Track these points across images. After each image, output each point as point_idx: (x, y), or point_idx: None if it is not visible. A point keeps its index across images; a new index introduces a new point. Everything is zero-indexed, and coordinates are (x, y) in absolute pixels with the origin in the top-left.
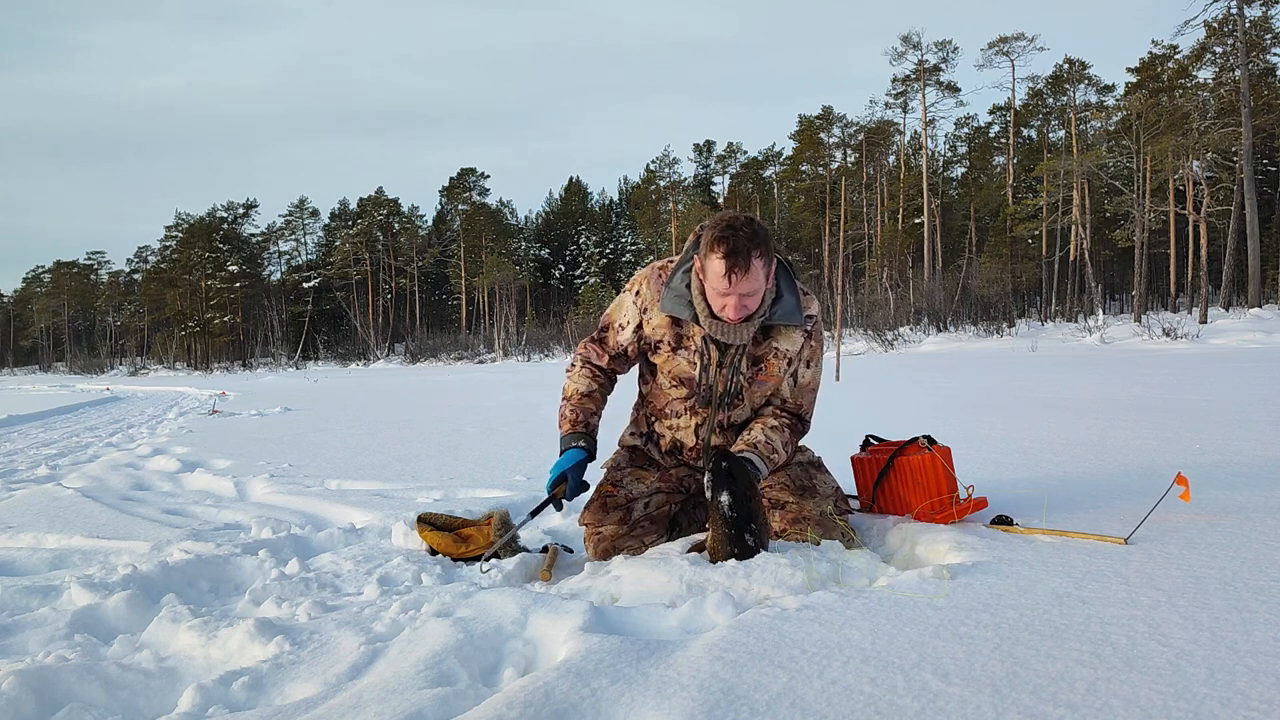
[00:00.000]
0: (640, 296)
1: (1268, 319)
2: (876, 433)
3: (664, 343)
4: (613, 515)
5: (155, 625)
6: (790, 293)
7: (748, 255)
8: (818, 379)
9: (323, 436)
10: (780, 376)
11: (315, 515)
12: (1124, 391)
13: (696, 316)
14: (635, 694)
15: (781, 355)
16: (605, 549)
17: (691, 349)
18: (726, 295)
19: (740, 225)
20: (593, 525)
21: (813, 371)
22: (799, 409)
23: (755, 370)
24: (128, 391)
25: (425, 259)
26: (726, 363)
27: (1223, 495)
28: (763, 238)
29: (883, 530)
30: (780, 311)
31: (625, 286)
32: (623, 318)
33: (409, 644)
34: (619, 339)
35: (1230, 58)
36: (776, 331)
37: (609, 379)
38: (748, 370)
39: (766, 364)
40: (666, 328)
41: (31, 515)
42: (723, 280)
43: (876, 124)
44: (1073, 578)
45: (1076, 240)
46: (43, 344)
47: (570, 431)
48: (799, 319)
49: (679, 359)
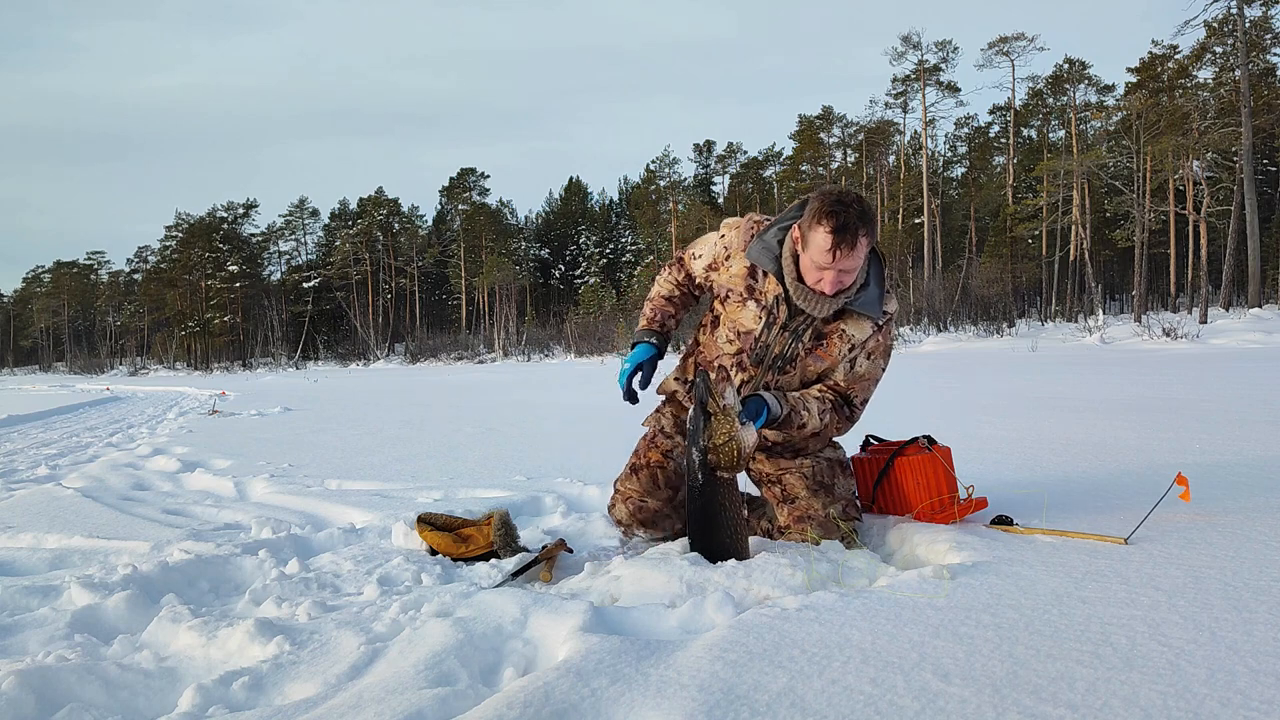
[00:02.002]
0: (725, 239)
1: (1268, 319)
2: (876, 433)
3: (735, 292)
4: (662, 492)
5: (155, 625)
6: (877, 284)
7: (855, 233)
8: (876, 372)
9: (323, 436)
10: (838, 358)
11: (315, 515)
12: (1124, 391)
13: (780, 273)
14: (635, 694)
15: (847, 339)
16: (645, 519)
17: (762, 303)
18: (826, 269)
19: (851, 202)
20: (637, 495)
21: (871, 363)
22: (848, 392)
23: (816, 344)
24: (128, 391)
25: (425, 259)
26: (791, 327)
27: (1223, 495)
28: (871, 218)
29: (883, 530)
30: (863, 300)
31: (721, 229)
32: (702, 250)
33: (409, 644)
34: (693, 265)
35: (1230, 58)
36: (849, 316)
37: (689, 291)
38: (809, 342)
39: (829, 342)
40: (742, 277)
41: (31, 515)
42: (826, 255)
43: (876, 124)
44: (1073, 578)
45: (1076, 240)
46: (43, 344)
47: (645, 328)
48: (876, 311)
49: (746, 310)
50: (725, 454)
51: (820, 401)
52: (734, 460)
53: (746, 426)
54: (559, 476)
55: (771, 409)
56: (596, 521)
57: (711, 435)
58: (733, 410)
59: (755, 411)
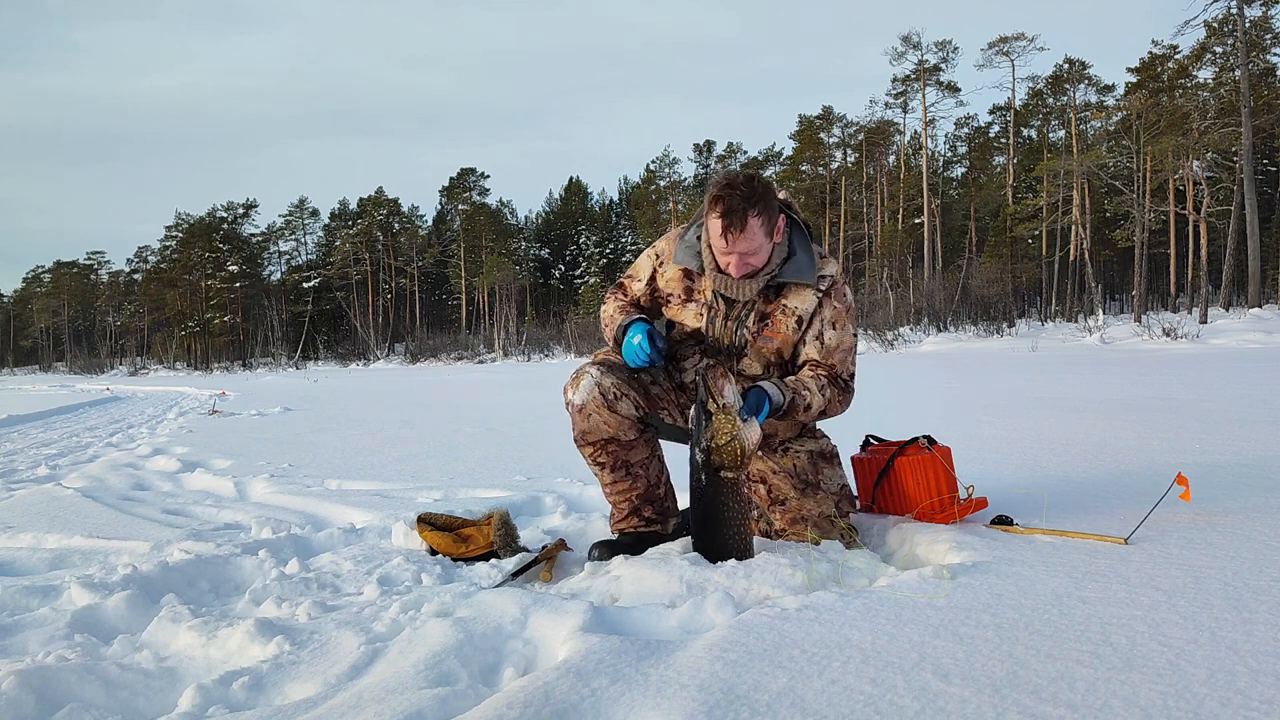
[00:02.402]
0: (656, 249)
1: (1268, 319)
2: (876, 433)
3: (675, 295)
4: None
5: (155, 625)
6: (804, 251)
7: (743, 215)
8: (848, 340)
9: (323, 436)
10: (789, 334)
11: (315, 515)
12: (1124, 391)
13: (704, 268)
14: (635, 694)
15: (790, 313)
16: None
17: (701, 301)
18: (727, 254)
19: (738, 184)
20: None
21: (839, 333)
22: (833, 366)
23: (761, 326)
24: (128, 391)
25: (425, 259)
26: (733, 316)
27: (1223, 495)
28: (760, 195)
29: (883, 530)
30: (791, 269)
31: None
32: (638, 272)
33: (409, 644)
34: (634, 288)
35: (1230, 58)
36: (787, 289)
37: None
38: (754, 325)
39: (774, 320)
40: (678, 280)
41: (31, 515)
42: (720, 239)
43: (876, 124)
44: (1073, 578)
45: (1076, 240)
46: (43, 344)
47: (625, 318)
48: (810, 278)
49: (688, 311)
50: (728, 454)
51: (816, 379)
52: (737, 460)
53: (749, 424)
54: (559, 476)
55: (773, 399)
56: (596, 521)
57: (714, 435)
58: (734, 409)
59: (756, 405)
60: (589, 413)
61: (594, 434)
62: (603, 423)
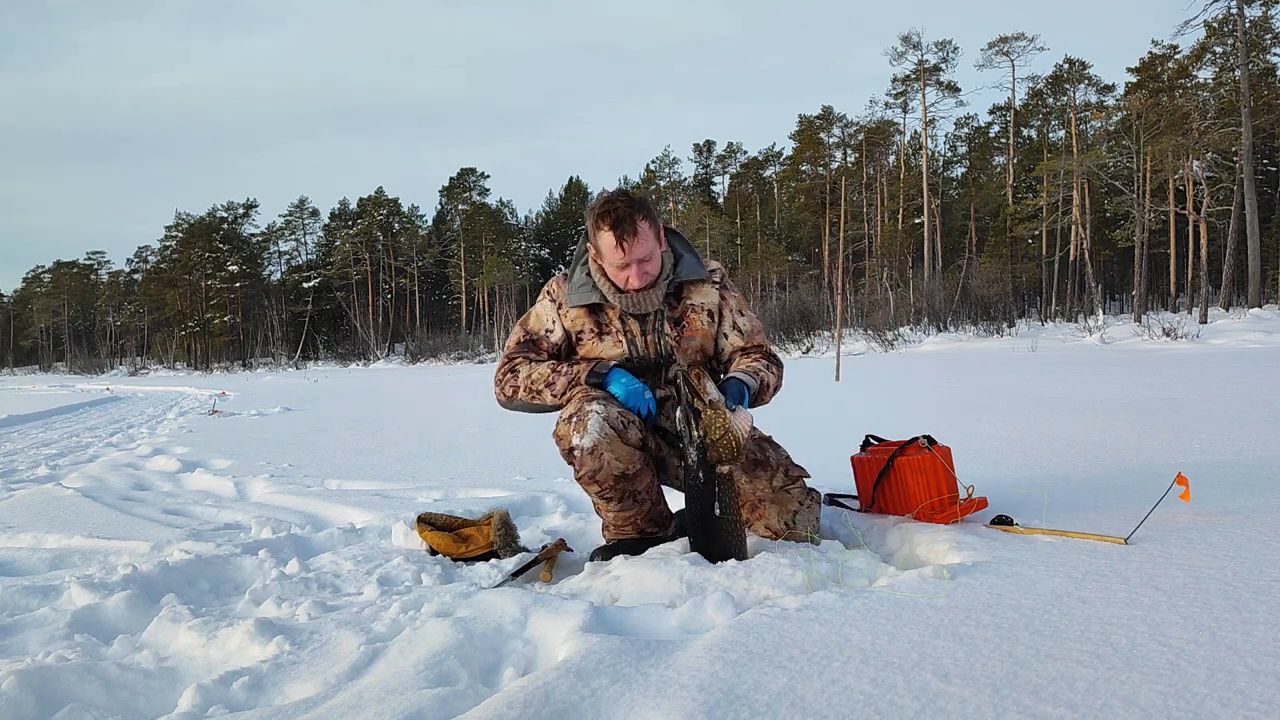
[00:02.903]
0: (551, 297)
1: (1268, 319)
2: (876, 433)
3: (585, 332)
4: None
5: (155, 625)
6: (688, 252)
7: (633, 220)
8: (757, 323)
9: (323, 436)
10: (705, 329)
11: (315, 515)
12: (1124, 391)
13: (605, 297)
14: (635, 694)
15: (700, 309)
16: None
17: (614, 331)
18: (625, 267)
19: (616, 196)
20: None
21: (748, 319)
22: (760, 346)
23: (680, 329)
24: (127, 391)
25: (425, 259)
26: (649, 330)
27: (1223, 495)
28: (642, 203)
29: (883, 530)
30: (684, 269)
31: (539, 298)
32: (546, 323)
33: (409, 644)
34: (552, 340)
35: (1230, 58)
36: (688, 290)
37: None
38: (673, 331)
39: (688, 320)
40: (585, 317)
41: (31, 515)
42: (616, 251)
43: (876, 124)
44: (1073, 578)
45: (1076, 240)
46: (43, 344)
47: (590, 366)
48: (703, 273)
49: (605, 344)
50: (724, 447)
51: (754, 359)
52: (733, 451)
53: (737, 412)
54: (559, 476)
55: (749, 386)
56: (596, 521)
57: (707, 431)
58: (720, 403)
59: (739, 394)
60: (600, 452)
61: (605, 472)
62: (615, 459)
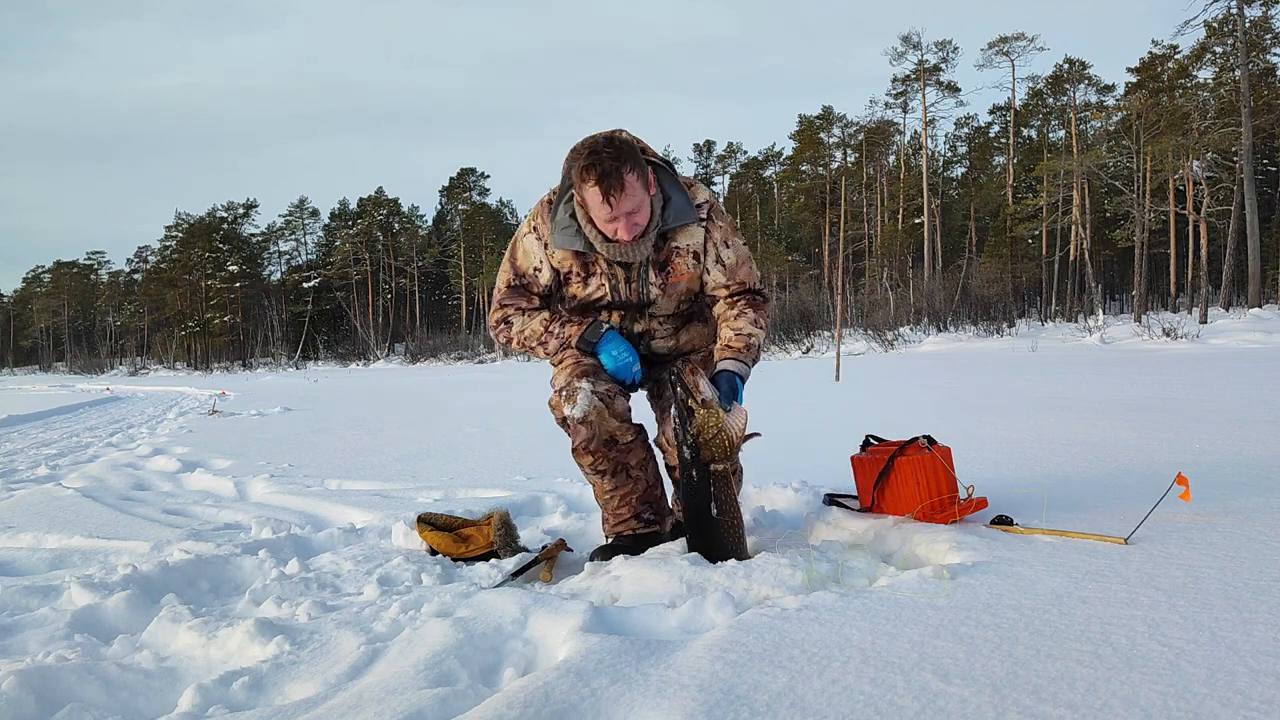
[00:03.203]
0: (536, 234)
1: (1268, 319)
2: (876, 433)
3: (573, 273)
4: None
5: (155, 625)
6: (677, 193)
7: (619, 175)
8: (743, 252)
9: (323, 436)
10: (690, 273)
11: (315, 515)
12: (1124, 391)
13: (591, 245)
14: (635, 694)
15: (685, 252)
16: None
17: (599, 274)
18: (614, 220)
19: (602, 147)
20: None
21: (733, 249)
22: (743, 284)
23: (664, 276)
24: (128, 391)
25: (425, 259)
26: (634, 277)
27: (1223, 495)
28: (628, 152)
29: (883, 530)
30: (673, 214)
31: (520, 230)
32: (535, 261)
33: (409, 644)
34: (541, 281)
35: (1230, 58)
36: (673, 232)
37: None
38: (657, 278)
39: (673, 266)
40: (571, 259)
41: (31, 515)
42: (603, 207)
43: (876, 124)
44: (1073, 578)
45: (1076, 240)
46: (43, 344)
47: (582, 330)
48: (692, 216)
49: (590, 286)
50: (717, 446)
51: (739, 314)
52: (726, 450)
53: (732, 411)
54: (559, 476)
55: (741, 374)
56: (596, 521)
57: (700, 430)
58: (714, 402)
59: (731, 390)
60: (590, 421)
61: (596, 441)
62: (604, 428)
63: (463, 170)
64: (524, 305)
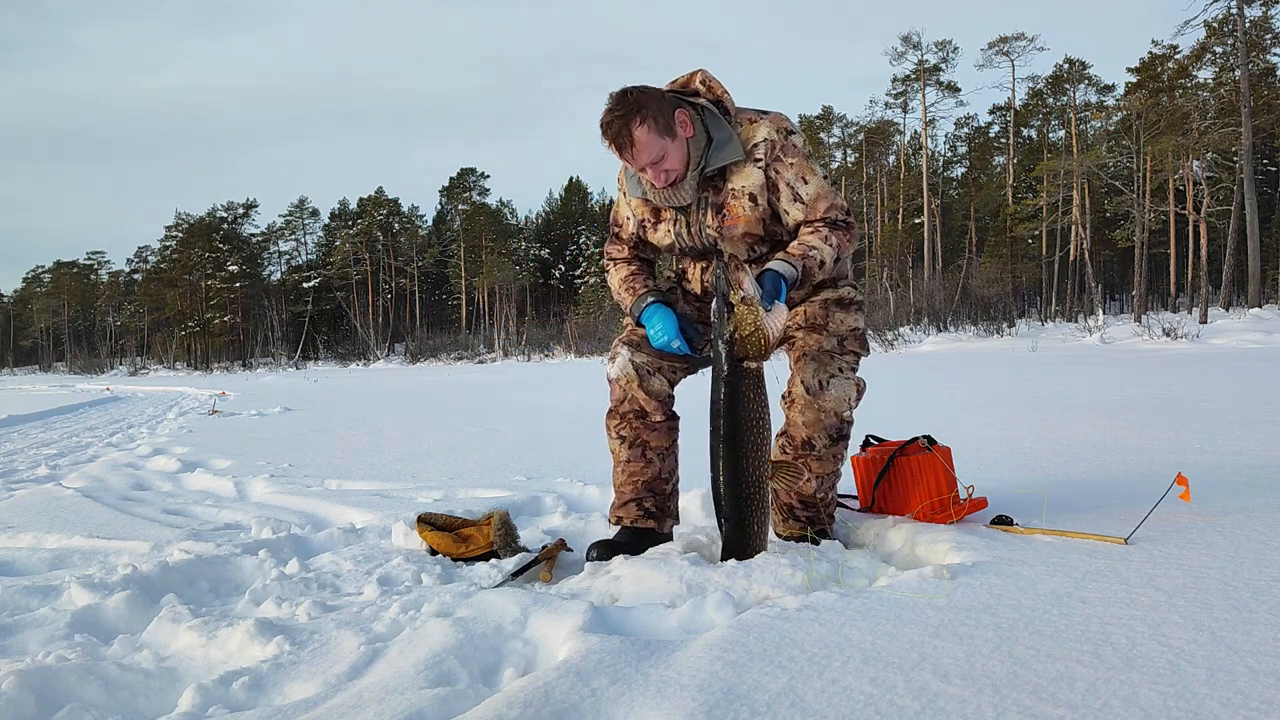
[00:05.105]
0: (620, 185)
1: (1268, 319)
2: (876, 433)
3: (646, 220)
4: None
5: (155, 625)
6: (720, 132)
7: (627, 131)
8: (821, 185)
9: (323, 436)
10: (748, 214)
11: (315, 515)
12: (1124, 391)
13: (647, 192)
14: (635, 694)
15: (741, 194)
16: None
17: (667, 220)
18: (642, 171)
19: (614, 103)
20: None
21: (811, 185)
22: (825, 215)
23: (721, 218)
24: (128, 391)
25: (425, 259)
26: (693, 222)
27: (1223, 495)
28: (639, 105)
29: (883, 530)
30: (715, 155)
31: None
32: (625, 213)
33: (409, 644)
34: (629, 230)
35: (1230, 58)
36: (730, 172)
37: (640, 260)
38: (714, 221)
39: (729, 207)
40: (643, 207)
41: (31, 515)
42: (627, 162)
43: (876, 124)
44: (1073, 578)
45: (1076, 240)
46: (43, 344)
47: (634, 300)
48: (740, 154)
49: (660, 231)
50: (753, 344)
51: (816, 232)
52: (761, 349)
53: (773, 311)
54: (559, 476)
55: (786, 276)
56: (596, 521)
57: (737, 326)
58: (754, 299)
59: (774, 288)
60: (623, 385)
61: (625, 406)
62: (632, 396)
63: (463, 170)
64: (616, 255)
